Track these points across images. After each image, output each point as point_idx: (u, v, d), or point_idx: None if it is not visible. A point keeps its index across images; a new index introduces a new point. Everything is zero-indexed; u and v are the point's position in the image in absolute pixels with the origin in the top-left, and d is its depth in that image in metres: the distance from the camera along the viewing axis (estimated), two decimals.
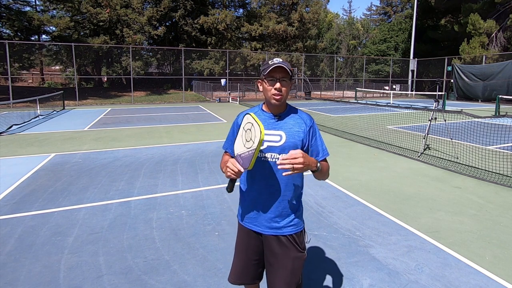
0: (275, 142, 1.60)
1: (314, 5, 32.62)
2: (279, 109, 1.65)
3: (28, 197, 4.29)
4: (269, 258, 1.67)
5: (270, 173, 1.61)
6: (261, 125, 1.41)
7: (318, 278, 2.63)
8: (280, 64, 1.55)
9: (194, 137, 8.60)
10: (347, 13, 58.72)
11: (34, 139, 8.27)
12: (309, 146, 1.66)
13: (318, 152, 1.67)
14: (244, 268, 1.76)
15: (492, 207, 4.07)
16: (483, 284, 2.55)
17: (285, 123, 1.64)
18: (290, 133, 1.61)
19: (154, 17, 26.84)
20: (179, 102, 21.11)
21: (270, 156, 1.60)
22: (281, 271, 1.63)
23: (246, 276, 1.77)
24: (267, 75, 1.58)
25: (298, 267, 1.65)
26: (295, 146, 1.59)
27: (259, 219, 1.67)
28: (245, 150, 1.49)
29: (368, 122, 11.10)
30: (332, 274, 2.68)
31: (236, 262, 1.80)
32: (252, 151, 1.44)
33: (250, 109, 1.76)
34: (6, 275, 2.61)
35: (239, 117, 1.72)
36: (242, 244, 1.76)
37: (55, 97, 15.59)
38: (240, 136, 1.55)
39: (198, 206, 4.03)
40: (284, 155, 1.46)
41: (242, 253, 1.77)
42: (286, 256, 1.63)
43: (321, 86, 30.95)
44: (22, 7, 24.91)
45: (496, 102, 13.87)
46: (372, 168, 5.78)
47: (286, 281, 1.62)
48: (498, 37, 24.33)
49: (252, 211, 1.68)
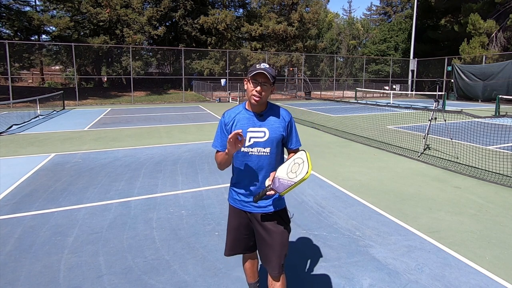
0: (260, 138, 1.86)
1: (314, 5, 32.60)
2: (260, 108, 1.88)
3: (28, 197, 4.28)
4: (261, 232, 1.92)
5: (257, 164, 1.88)
6: (310, 167, 1.62)
7: (318, 278, 2.63)
8: (261, 70, 1.75)
9: (194, 137, 8.60)
10: (347, 13, 58.69)
11: (34, 139, 8.27)
12: (287, 137, 1.94)
13: (292, 142, 1.97)
14: (237, 241, 2.03)
15: (492, 207, 4.07)
16: (483, 284, 2.55)
17: (268, 120, 1.88)
18: (272, 129, 1.87)
19: (154, 17, 26.82)
20: (179, 102, 21.10)
21: (256, 151, 1.86)
22: (272, 244, 1.89)
23: (238, 247, 2.05)
24: (251, 77, 1.78)
25: (286, 240, 1.92)
26: (276, 139, 1.87)
27: (249, 202, 1.93)
28: (286, 178, 1.69)
29: (368, 122, 11.09)
30: (332, 274, 2.68)
31: (229, 238, 2.05)
32: (291, 183, 1.65)
33: (234, 108, 1.93)
34: (6, 275, 2.61)
35: (225, 116, 1.93)
36: (234, 222, 2.02)
37: (55, 97, 15.59)
38: (288, 165, 1.76)
39: (198, 206, 4.03)
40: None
41: (234, 230, 2.02)
42: (276, 230, 1.89)
43: (321, 86, 30.94)
44: (22, 7, 24.90)
45: (496, 102, 13.87)
46: (372, 168, 5.78)
47: (277, 253, 1.88)
48: (498, 37, 24.33)
49: (243, 195, 1.95)
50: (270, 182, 1.75)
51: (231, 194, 2.02)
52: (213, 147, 1.96)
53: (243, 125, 1.85)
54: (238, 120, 1.88)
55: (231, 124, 1.88)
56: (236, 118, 1.88)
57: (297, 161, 1.71)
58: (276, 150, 1.89)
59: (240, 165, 1.91)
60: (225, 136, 1.90)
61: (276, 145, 1.88)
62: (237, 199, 1.97)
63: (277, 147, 1.89)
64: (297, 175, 1.63)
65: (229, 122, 1.89)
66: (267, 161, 1.87)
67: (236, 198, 1.98)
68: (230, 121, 1.89)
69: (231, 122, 1.89)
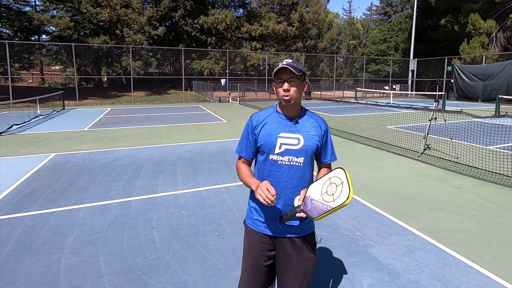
0: (293, 145, 1.61)
1: (314, 5, 32.62)
2: (294, 112, 1.65)
3: (28, 197, 4.28)
4: (283, 260, 1.66)
5: (287, 176, 1.61)
6: (352, 191, 1.34)
7: (318, 278, 2.63)
8: (284, 65, 1.54)
9: (194, 137, 8.60)
10: (347, 13, 58.69)
11: (34, 139, 8.27)
12: (321, 149, 1.70)
13: (327, 155, 1.73)
14: (255, 274, 1.69)
15: (492, 207, 4.07)
16: (483, 284, 2.55)
17: (302, 126, 1.64)
18: (308, 137, 1.63)
19: (154, 17, 26.83)
20: (179, 102, 21.10)
21: (287, 160, 1.61)
22: (295, 272, 1.64)
23: (256, 282, 1.70)
24: (276, 77, 1.59)
25: (310, 267, 1.67)
26: (311, 149, 1.63)
27: (274, 223, 1.64)
28: (321, 200, 1.42)
29: (368, 122, 11.09)
30: (332, 274, 2.68)
31: (245, 269, 1.72)
32: (328, 208, 1.37)
33: (264, 110, 1.74)
34: (6, 275, 2.61)
35: (252, 118, 1.70)
36: (253, 251, 1.69)
37: (55, 97, 15.59)
38: (322, 183, 1.48)
39: (198, 206, 4.03)
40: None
41: (252, 260, 1.69)
42: (299, 257, 1.64)
43: (321, 86, 30.94)
44: (22, 7, 24.90)
45: (496, 102, 13.86)
46: (372, 168, 5.78)
47: (299, 281, 1.64)
48: (498, 37, 24.33)
49: (268, 215, 1.65)
50: (301, 203, 1.50)
51: (250, 214, 1.73)
52: (237, 152, 1.73)
53: (274, 129, 1.62)
54: (268, 123, 1.65)
55: (260, 127, 1.65)
56: (266, 121, 1.65)
57: (334, 180, 1.43)
58: (310, 161, 1.65)
59: (266, 176, 1.63)
60: (251, 142, 1.68)
61: (311, 156, 1.64)
62: (259, 221, 1.68)
63: (311, 158, 1.66)
64: (334, 198, 1.37)
65: (258, 125, 1.66)
66: (300, 173, 1.61)
67: (256, 219, 1.69)
68: (259, 124, 1.66)
69: (260, 126, 1.65)
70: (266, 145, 1.62)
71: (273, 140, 1.61)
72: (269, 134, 1.63)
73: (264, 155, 1.65)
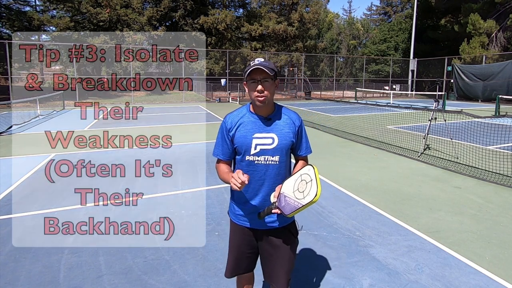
0: (268, 145, 1.64)
1: (314, 5, 32.61)
2: (267, 111, 1.67)
3: (28, 197, 4.28)
4: (268, 249, 1.75)
5: (264, 175, 1.67)
6: (319, 189, 1.40)
7: (318, 278, 2.63)
8: (257, 65, 1.53)
9: (194, 137, 8.60)
10: (347, 13, 58.58)
11: (34, 139, 8.27)
12: (296, 143, 1.74)
13: (302, 149, 1.77)
14: (239, 261, 1.83)
15: (492, 207, 4.07)
16: (483, 284, 2.55)
17: (276, 125, 1.67)
18: (282, 135, 1.66)
19: (154, 17, 26.84)
20: (179, 102, 21.10)
21: (263, 159, 1.66)
22: (280, 260, 1.73)
23: (240, 268, 1.84)
24: (248, 77, 1.58)
25: (294, 254, 1.78)
26: (286, 147, 1.67)
27: (254, 217, 1.71)
28: (293, 197, 1.48)
29: (368, 122, 11.09)
30: (332, 274, 2.68)
31: (230, 257, 1.86)
32: (299, 205, 1.44)
33: (236, 110, 1.74)
34: (6, 275, 2.61)
35: (226, 120, 1.72)
36: (236, 240, 1.82)
37: (55, 97, 15.58)
38: (294, 180, 1.54)
39: (198, 206, 4.03)
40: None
41: (235, 248, 1.83)
42: (284, 246, 1.73)
43: (321, 86, 30.96)
44: (22, 7, 24.88)
45: (496, 102, 13.86)
46: (372, 168, 5.78)
47: (285, 269, 1.72)
48: (498, 37, 24.33)
49: (247, 210, 1.73)
50: (276, 199, 1.57)
51: (232, 209, 1.81)
52: (214, 155, 1.75)
53: (248, 130, 1.65)
54: (242, 124, 1.67)
55: (234, 129, 1.67)
56: (240, 123, 1.67)
57: (304, 177, 1.49)
58: (285, 158, 1.70)
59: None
60: (228, 143, 1.70)
61: (286, 153, 1.69)
62: (240, 215, 1.77)
63: (286, 155, 1.70)
64: (304, 195, 1.43)
65: (232, 127, 1.68)
66: (275, 171, 1.67)
67: (238, 213, 1.77)
68: (233, 126, 1.68)
69: (234, 127, 1.67)
70: (242, 147, 1.66)
71: (248, 141, 1.64)
72: (243, 136, 1.66)
73: (241, 156, 1.70)
